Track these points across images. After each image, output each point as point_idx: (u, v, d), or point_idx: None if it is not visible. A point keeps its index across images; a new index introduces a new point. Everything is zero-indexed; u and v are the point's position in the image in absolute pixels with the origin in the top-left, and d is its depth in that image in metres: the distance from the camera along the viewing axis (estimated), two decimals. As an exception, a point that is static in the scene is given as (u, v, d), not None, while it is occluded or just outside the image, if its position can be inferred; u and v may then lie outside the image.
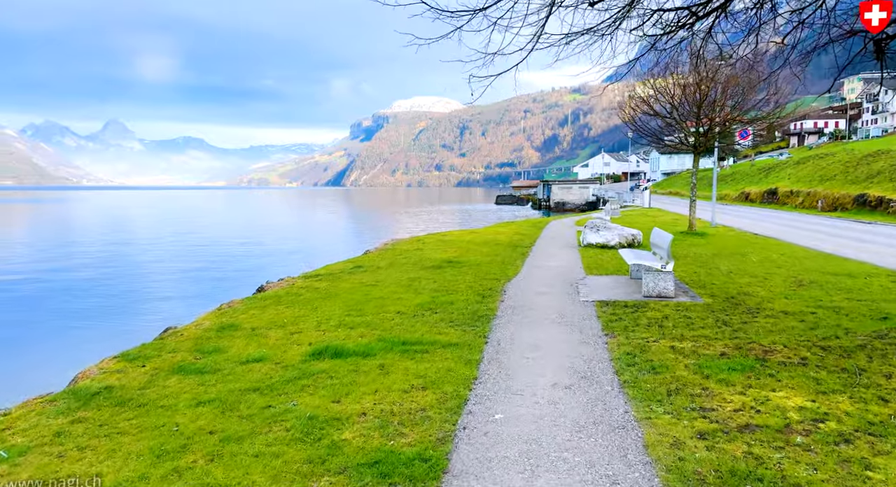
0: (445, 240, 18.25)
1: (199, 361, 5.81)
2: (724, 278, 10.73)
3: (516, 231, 22.23)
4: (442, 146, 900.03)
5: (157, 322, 10.53)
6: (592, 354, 6.03)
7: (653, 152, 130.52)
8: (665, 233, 9.47)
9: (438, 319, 7.63)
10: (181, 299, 16.29)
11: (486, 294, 9.37)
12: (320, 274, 11.57)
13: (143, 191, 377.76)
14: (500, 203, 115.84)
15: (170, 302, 16.18)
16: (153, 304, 15.94)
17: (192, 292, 18.10)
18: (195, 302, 15.25)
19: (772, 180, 53.80)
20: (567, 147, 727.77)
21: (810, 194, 40.77)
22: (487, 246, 16.39)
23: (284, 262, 23.34)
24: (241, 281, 17.93)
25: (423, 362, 5.77)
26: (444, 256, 14.15)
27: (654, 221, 27.22)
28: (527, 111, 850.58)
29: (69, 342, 11.87)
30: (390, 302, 8.78)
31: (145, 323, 12.12)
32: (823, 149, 67.95)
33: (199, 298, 16.18)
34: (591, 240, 15.91)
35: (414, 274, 11.38)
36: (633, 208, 43.29)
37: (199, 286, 19.52)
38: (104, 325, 13.59)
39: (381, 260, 13.72)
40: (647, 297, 8.82)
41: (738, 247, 15.74)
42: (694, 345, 6.20)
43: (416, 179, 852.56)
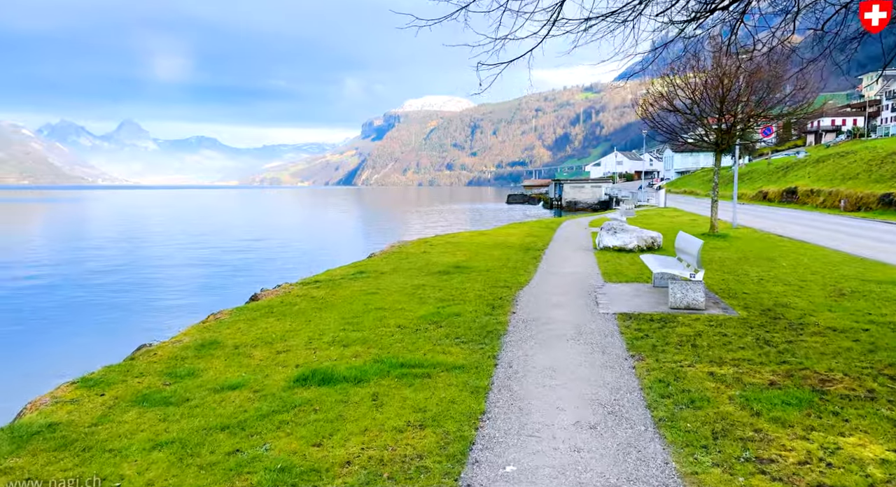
0: (454, 243, 17.48)
1: (168, 388, 5.09)
2: (755, 286, 9.86)
3: (528, 232, 21.41)
4: (453, 145, 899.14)
5: (145, 333, 9.84)
6: (618, 381, 5.24)
7: (666, 151, 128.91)
8: (693, 238, 8.63)
9: (443, 335, 6.87)
10: (174, 308, 15.60)
11: (497, 304, 8.59)
12: (319, 281, 10.85)
13: (157, 190, 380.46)
14: (511, 202, 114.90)
15: (163, 309, 15.53)
16: (146, 312, 15.31)
17: (188, 298, 17.46)
18: (189, 309, 14.60)
19: (790, 179, 52.44)
20: (579, 146, 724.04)
21: (832, 193, 39.52)
22: (498, 249, 15.60)
23: (288, 265, 22.72)
24: (240, 286, 17.30)
25: (424, 390, 5.01)
26: (451, 260, 13.38)
27: (671, 222, 26.26)
28: (538, 110, 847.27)
29: (46, 356, 11.22)
30: (391, 313, 8.03)
31: (133, 334, 11.46)
32: (843, 147, 66.24)
33: (193, 305, 15.54)
34: (608, 243, 15.07)
35: (419, 281, 10.63)
36: (648, 208, 42.24)
37: (197, 291, 18.90)
38: (90, 335, 12.95)
39: (386, 264, 12.98)
40: (675, 309, 7.99)
41: (764, 251, 14.83)
42: (736, 371, 5.37)
43: (426, 178, 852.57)
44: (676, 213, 33.36)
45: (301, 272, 19.52)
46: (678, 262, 9.32)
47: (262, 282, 14.77)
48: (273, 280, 15.35)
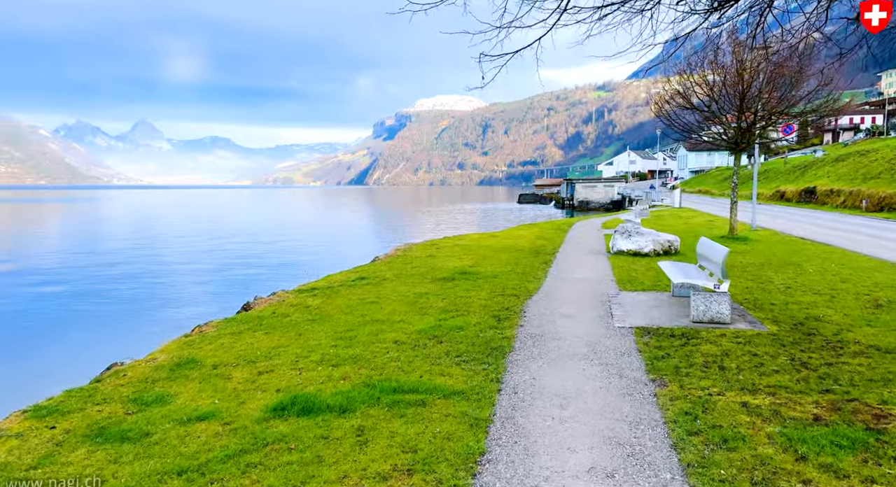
0: (461, 246, 16.87)
1: (130, 418, 4.54)
2: (782, 296, 9.15)
3: (539, 234, 20.74)
4: (464, 144, 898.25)
5: (130, 345, 9.33)
6: (638, 413, 4.60)
7: (680, 149, 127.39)
8: (717, 245, 7.94)
9: (443, 352, 6.27)
10: (167, 315, 15.07)
11: (503, 316, 7.98)
12: (317, 288, 10.29)
13: (171, 190, 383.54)
14: (522, 202, 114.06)
15: (156, 316, 15.04)
16: (139, 319, 14.82)
17: (183, 304, 16.95)
18: (182, 316, 14.11)
19: (809, 178, 51.26)
20: (591, 145, 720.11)
21: (853, 193, 38.39)
22: (507, 253, 14.97)
23: (292, 268, 22.24)
24: (240, 291, 16.81)
25: (416, 423, 4.42)
26: (457, 265, 12.78)
27: (687, 223, 25.46)
28: (550, 109, 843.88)
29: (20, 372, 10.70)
30: (389, 326, 7.44)
31: (119, 345, 10.97)
32: (861, 145, 64.72)
33: (187, 312, 15.06)
34: (622, 247, 14.38)
35: (422, 289, 10.04)
36: (662, 208, 41.34)
37: (195, 297, 18.43)
38: (73, 347, 12.48)
39: (389, 269, 12.40)
40: (697, 323, 7.33)
41: (788, 255, 14.06)
42: (773, 402, 4.72)
43: (438, 178, 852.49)
44: (692, 214, 32.49)
45: (305, 275, 19.04)
46: (699, 270, 8.64)
47: (264, 287, 14.28)
48: (276, 284, 14.85)
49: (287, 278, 17.13)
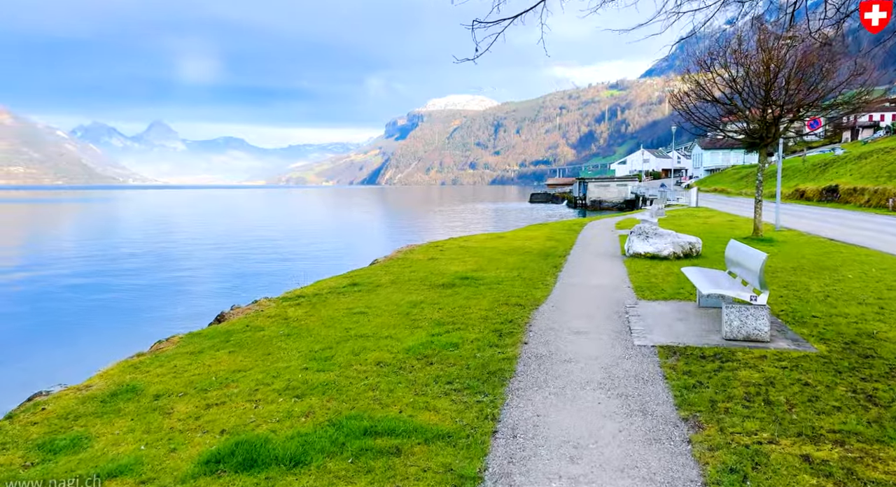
0: (466, 248, 15.88)
1: (25, 473, 3.61)
2: (823, 307, 8.07)
3: (549, 235, 19.69)
4: (476, 144, 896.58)
5: (81, 365, 8.42)
6: (669, 469, 3.60)
7: (695, 148, 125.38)
8: (752, 250, 6.88)
9: (432, 377, 5.30)
10: (149, 320, 14.26)
11: (505, 330, 6.99)
12: (303, 296, 9.35)
13: (186, 190, 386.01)
14: (534, 201, 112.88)
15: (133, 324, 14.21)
16: (115, 327, 14.01)
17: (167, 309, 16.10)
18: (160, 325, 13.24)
19: (830, 177, 49.60)
20: (604, 144, 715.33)
21: (878, 192, 36.86)
22: (514, 256, 13.96)
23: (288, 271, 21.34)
24: (229, 295, 15.96)
25: (385, 482, 3.45)
26: (460, 269, 11.80)
27: (705, 223, 24.28)
28: (562, 108, 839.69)
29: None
30: (374, 342, 6.49)
31: (83, 358, 10.12)
32: (883, 143, 62.77)
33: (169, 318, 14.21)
34: (639, 250, 13.31)
35: (417, 297, 9.07)
36: (678, 207, 40.04)
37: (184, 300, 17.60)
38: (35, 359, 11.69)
39: (385, 274, 11.45)
40: (731, 341, 6.29)
41: (820, 258, 12.91)
42: (843, 454, 3.69)
43: (450, 177, 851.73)
44: (710, 214, 31.22)
45: (303, 278, 18.16)
46: (730, 278, 7.59)
47: (257, 291, 13.41)
48: (272, 287, 13.97)
49: (283, 281, 16.29)
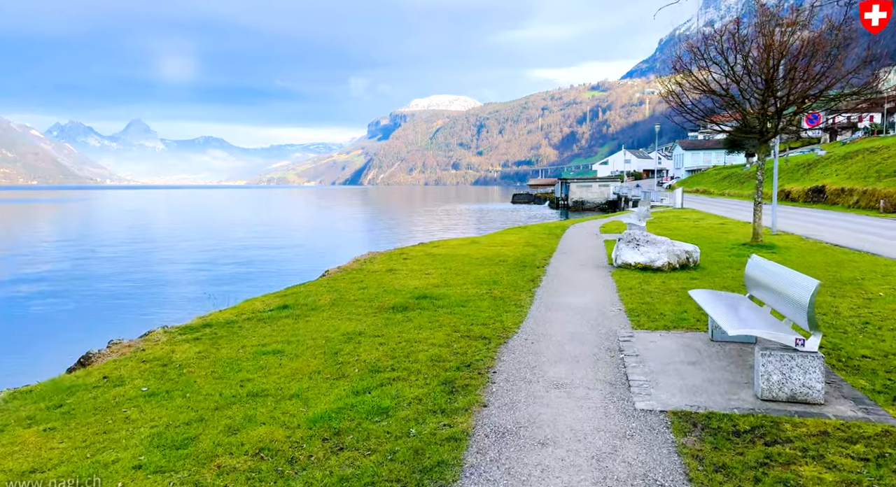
0: (434, 256, 14.03)
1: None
2: (869, 340, 6.35)
3: (528, 240, 17.92)
4: (459, 144, 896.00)
5: None
6: None
7: (676, 148, 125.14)
8: (791, 273, 5.09)
9: (333, 481, 3.43)
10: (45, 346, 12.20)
11: (460, 381, 5.15)
12: (210, 325, 7.41)
13: (164, 190, 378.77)
14: (516, 202, 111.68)
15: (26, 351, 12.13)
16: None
17: (38, 342, 14.02)
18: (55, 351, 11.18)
19: (815, 177, 48.64)
20: (585, 144, 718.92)
21: (867, 193, 35.80)
22: (486, 267, 12.13)
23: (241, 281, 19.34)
24: (142, 316, 13.91)
25: None
26: (420, 284, 9.94)
27: (695, 227, 22.72)
28: (545, 109, 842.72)
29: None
30: (270, 408, 4.60)
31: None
32: (864, 143, 62.23)
33: (72, 341, 12.13)
34: (629, 260, 11.57)
35: (358, 325, 7.20)
36: (663, 209, 38.61)
37: (68, 329, 15.41)
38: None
39: (328, 291, 9.54)
40: (769, 402, 4.51)
41: (834, 270, 11.28)
42: None
43: (433, 178, 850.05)
44: (698, 216, 29.77)
45: (255, 287, 16.16)
46: (753, 306, 5.82)
47: (188, 308, 11.43)
48: (203, 304, 11.96)
49: (222, 295, 14.28)
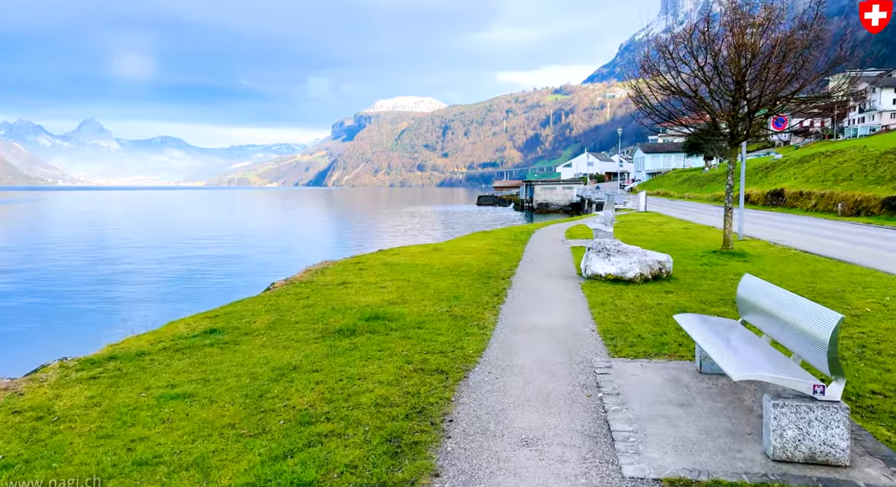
0: (392, 265, 13.01)
1: None
2: (872, 369, 5.64)
3: (492, 246, 17.07)
4: (424, 146, 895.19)
5: None
6: None
7: (637, 152, 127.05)
8: (804, 302, 4.29)
9: None
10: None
11: (408, 436, 4.17)
12: (116, 358, 6.24)
13: (119, 191, 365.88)
14: (481, 204, 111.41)
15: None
16: None
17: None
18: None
19: (773, 180, 49.43)
20: (549, 147, 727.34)
21: (825, 196, 36.33)
22: (448, 278, 11.19)
23: (167, 297, 17.90)
24: (46, 344, 12.53)
25: None
26: (373, 301, 8.93)
27: (661, 231, 22.28)
28: (509, 111, 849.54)
29: None
30: (162, 480, 3.54)
31: None
32: (816, 147, 63.96)
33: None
34: (599, 270, 10.79)
35: (294, 356, 6.15)
36: (626, 212, 38.43)
37: None
38: None
39: (267, 310, 8.43)
40: (782, 463, 3.69)
41: (811, 281, 10.74)
42: None
43: (398, 179, 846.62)
44: (662, 219, 29.50)
45: (192, 303, 14.88)
46: (749, 334, 5.03)
47: (125, 326, 10.15)
48: (141, 321, 10.66)
49: (166, 309, 13.02)
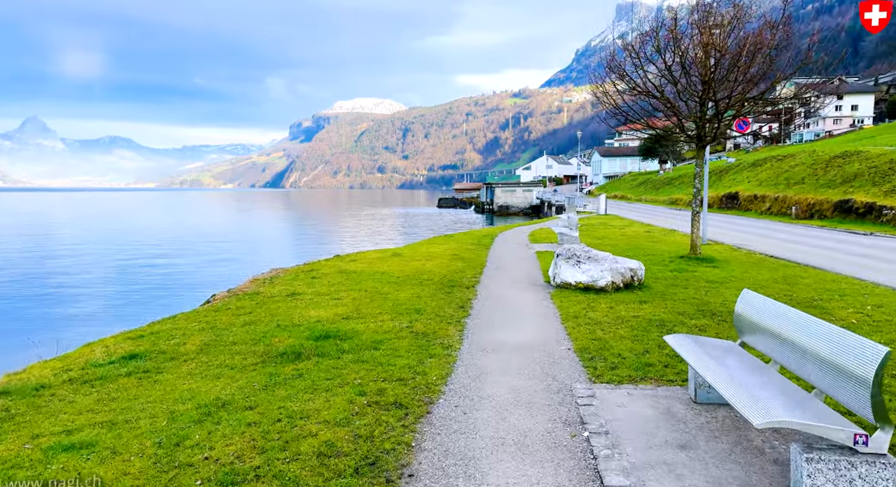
0: (348, 273, 12.08)
1: None
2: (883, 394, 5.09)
3: (455, 252, 16.31)
4: (384, 148, 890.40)
5: None
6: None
7: (594, 155, 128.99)
8: (810, 320, 3.65)
9: None
10: None
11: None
12: (7, 394, 5.16)
13: (64, 193, 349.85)
14: (442, 206, 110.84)
15: None
16: None
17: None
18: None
19: (727, 184, 50.35)
20: (508, 150, 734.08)
21: (779, 199, 37.06)
22: (408, 288, 10.35)
23: (93, 313, 16.48)
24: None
25: None
26: (325, 316, 8.01)
27: (623, 235, 21.98)
28: (469, 114, 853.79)
29: None
30: None
31: None
32: (773, 150, 65.89)
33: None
34: (569, 279, 10.14)
35: (223, 388, 5.20)
36: (587, 215, 38.34)
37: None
38: None
39: (202, 330, 7.42)
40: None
41: (785, 288, 10.35)
42: None
43: (358, 181, 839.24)
44: (623, 223, 29.37)
45: (122, 318, 13.61)
46: (754, 363, 4.38)
47: (35, 349, 8.88)
48: (52, 343, 9.38)
49: (92, 326, 11.73)
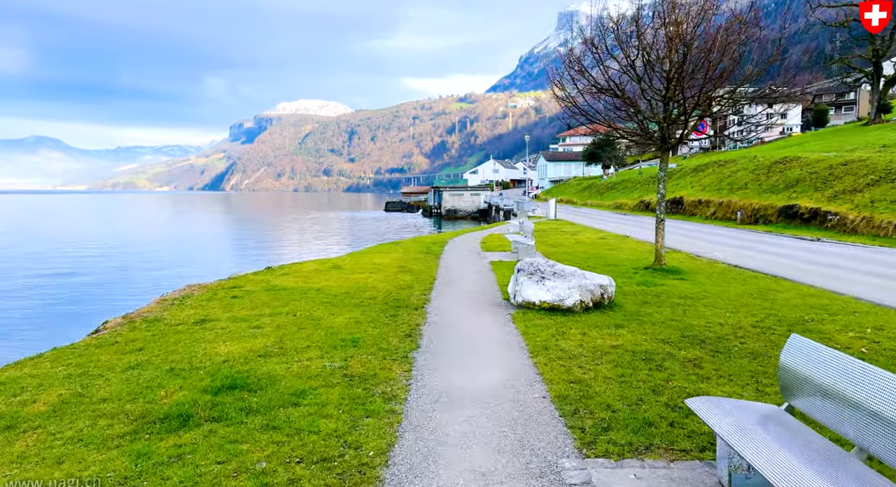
0: (277, 290, 10.40)
1: None
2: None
3: (402, 262, 14.82)
4: (330, 151, 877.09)
5: None
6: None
7: (540, 160, 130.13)
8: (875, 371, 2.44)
9: None
10: None
11: None
12: None
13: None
14: (389, 210, 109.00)
15: None
16: None
17: None
18: None
19: (671, 189, 50.92)
20: (455, 154, 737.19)
21: (723, 204, 37.41)
22: (345, 310, 8.81)
23: None
24: None
25: None
26: (237, 351, 6.40)
27: (578, 242, 21.06)
28: (416, 118, 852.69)
29: None
30: None
31: None
32: (713, 156, 67.53)
33: None
34: (532, 298, 8.86)
35: (64, 479, 3.58)
36: (537, 220, 37.60)
37: None
38: None
39: (69, 378, 5.67)
40: None
41: (765, 305, 9.43)
42: None
43: (303, 184, 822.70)
44: (575, 228, 28.63)
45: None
46: (824, 445, 3.16)
47: None
48: None
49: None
